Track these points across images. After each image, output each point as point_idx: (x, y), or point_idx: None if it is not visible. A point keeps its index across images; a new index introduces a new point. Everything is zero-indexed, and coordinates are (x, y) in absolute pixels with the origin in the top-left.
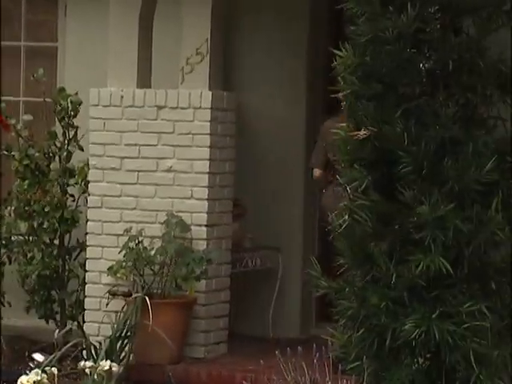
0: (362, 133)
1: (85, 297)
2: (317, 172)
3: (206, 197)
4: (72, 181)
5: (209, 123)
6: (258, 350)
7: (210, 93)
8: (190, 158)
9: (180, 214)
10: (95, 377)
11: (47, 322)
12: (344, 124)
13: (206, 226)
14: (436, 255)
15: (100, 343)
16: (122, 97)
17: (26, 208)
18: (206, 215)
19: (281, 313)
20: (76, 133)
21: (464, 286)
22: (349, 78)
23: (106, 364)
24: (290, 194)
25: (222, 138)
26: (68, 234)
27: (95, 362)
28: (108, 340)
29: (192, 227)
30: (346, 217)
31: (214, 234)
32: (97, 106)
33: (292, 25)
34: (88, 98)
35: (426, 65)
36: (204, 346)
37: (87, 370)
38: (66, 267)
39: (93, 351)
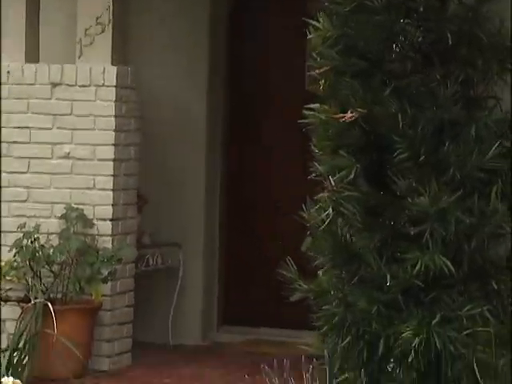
0: (349, 115)
1: None
2: None
3: (111, 187)
4: None
5: (113, 103)
6: (161, 360)
7: (115, 68)
8: (91, 143)
9: (81, 207)
10: None
11: None
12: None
13: (110, 220)
14: (435, 253)
15: None
16: (8, 72)
17: None
18: (111, 208)
19: (181, 317)
20: None
21: (462, 286)
22: (328, 53)
23: (8, 381)
24: (192, 187)
25: (126, 120)
26: None
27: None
28: (6, 353)
29: (95, 222)
30: (330, 210)
31: (119, 229)
32: None
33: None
34: None
35: (420, 38)
36: (108, 357)
37: None
38: None
39: None
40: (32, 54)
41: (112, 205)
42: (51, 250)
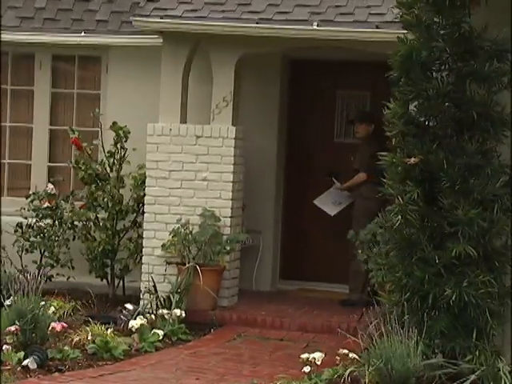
0: (413, 160)
1: (142, 264)
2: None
3: (230, 197)
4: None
5: (233, 148)
6: (253, 299)
7: (234, 128)
8: (219, 171)
9: (212, 209)
10: (170, 320)
11: (101, 280)
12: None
13: (230, 217)
14: (464, 244)
15: (163, 297)
16: (170, 130)
17: (94, 203)
18: (230, 210)
19: (259, 274)
20: (125, 153)
21: (479, 264)
22: (396, 123)
23: (177, 311)
24: (267, 195)
25: (238, 158)
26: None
27: (168, 309)
28: (171, 294)
29: (221, 218)
30: (400, 217)
31: (234, 223)
32: (152, 135)
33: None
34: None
35: (458, 114)
36: (226, 298)
37: (166, 315)
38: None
39: (161, 301)
40: (182, 117)
41: (230, 208)
42: (197, 235)
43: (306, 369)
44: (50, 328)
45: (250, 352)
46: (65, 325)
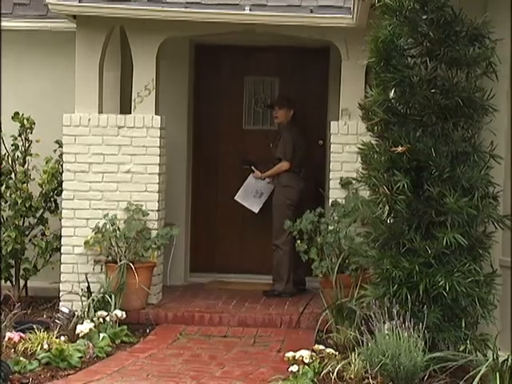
0: (400, 148)
1: (61, 263)
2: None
3: (157, 190)
4: (39, 180)
5: (158, 138)
6: (176, 295)
7: (159, 117)
8: (144, 163)
9: (138, 203)
10: (110, 322)
11: (5, 282)
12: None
13: (157, 210)
14: (453, 232)
15: (98, 297)
16: (89, 120)
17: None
18: (157, 203)
19: (172, 267)
20: (30, 145)
21: (464, 252)
22: (377, 111)
23: (118, 312)
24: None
25: (163, 149)
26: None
27: (105, 310)
28: (105, 294)
29: (148, 212)
30: (387, 207)
31: (160, 216)
32: (68, 126)
33: None
34: None
35: (443, 101)
36: (155, 295)
37: (107, 318)
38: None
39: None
40: (100, 107)
41: (157, 201)
42: (125, 230)
43: (294, 368)
44: (5, 339)
45: (204, 352)
46: (22, 335)
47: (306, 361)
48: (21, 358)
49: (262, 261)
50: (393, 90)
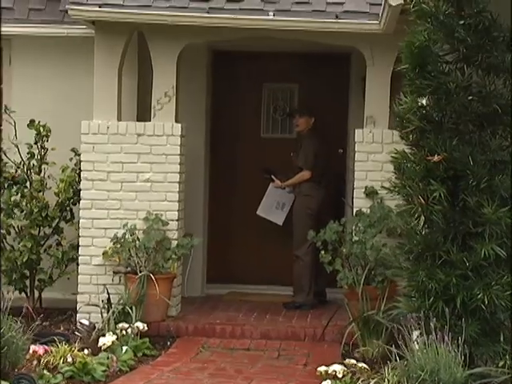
0: (437, 157)
1: (78, 274)
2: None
3: (177, 199)
4: (55, 189)
5: (179, 147)
6: (194, 307)
7: (179, 124)
8: (164, 172)
9: (157, 212)
10: (132, 335)
11: (20, 293)
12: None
13: (176, 220)
14: (492, 243)
15: (118, 309)
16: (107, 127)
17: (14, 209)
18: (176, 213)
19: (190, 277)
20: (45, 153)
21: (499, 265)
22: (412, 118)
23: (140, 325)
24: (196, 193)
25: (183, 157)
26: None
27: (126, 322)
28: (125, 306)
29: (168, 221)
30: (422, 217)
31: (180, 226)
32: (87, 134)
33: None
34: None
35: (480, 108)
36: (174, 307)
37: (129, 330)
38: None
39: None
40: (118, 114)
41: (177, 210)
42: (145, 241)
43: (326, 383)
44: (30, 351)
45: (229, 365)
46: (47, 348)
47: (340, 375)
48: (44, 372)
49: (282, 272)
50: (426, 98)
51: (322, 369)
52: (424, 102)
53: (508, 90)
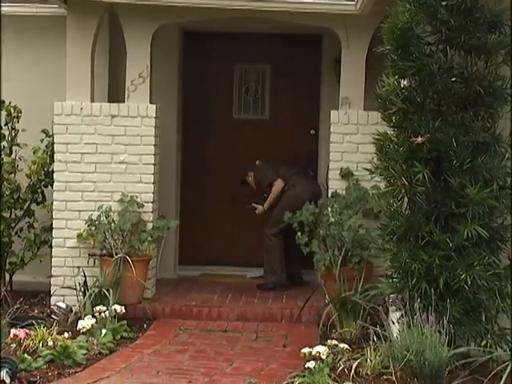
0: (420, 139)
1: (52, 257)
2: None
3: (152, 181)
4: (27, 171)
5: (153, 128)
6: (168, 288)
7: (154, 106)
8: (138, 153)
9: (131, 195)
10: (109, 317)
11: None
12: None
13: (152, 202)
14: (474, 224)
15: (94, 292)
16: (81, 108)
17: None
18: (151, 195)
19: (163, 259)
20: (16, 134)
21: (480, 245)
22: (395, 100)
23: (117, 307)
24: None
25: (157, 139)
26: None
27: (106, 306)
28: (102, 289)
29: (143, 204)
30: (406, 198)
31: (155, 208)
32: (60, 115)
33: None
34: None
35: (462, 90)
36: (149, 289)
37: (106, 313)
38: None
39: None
40: (92, 95)
41: (152, 192)
42: (120, 223)
43: (311, 364)
44: (10, 335)
45: (209, 347)
46: (28, 331)
47: (323, 357)
48: (25, 356)
49: (255, 253)
50: (407, 79)
51: (306, 350)
52: (405, 82)
53: (489, 71)
